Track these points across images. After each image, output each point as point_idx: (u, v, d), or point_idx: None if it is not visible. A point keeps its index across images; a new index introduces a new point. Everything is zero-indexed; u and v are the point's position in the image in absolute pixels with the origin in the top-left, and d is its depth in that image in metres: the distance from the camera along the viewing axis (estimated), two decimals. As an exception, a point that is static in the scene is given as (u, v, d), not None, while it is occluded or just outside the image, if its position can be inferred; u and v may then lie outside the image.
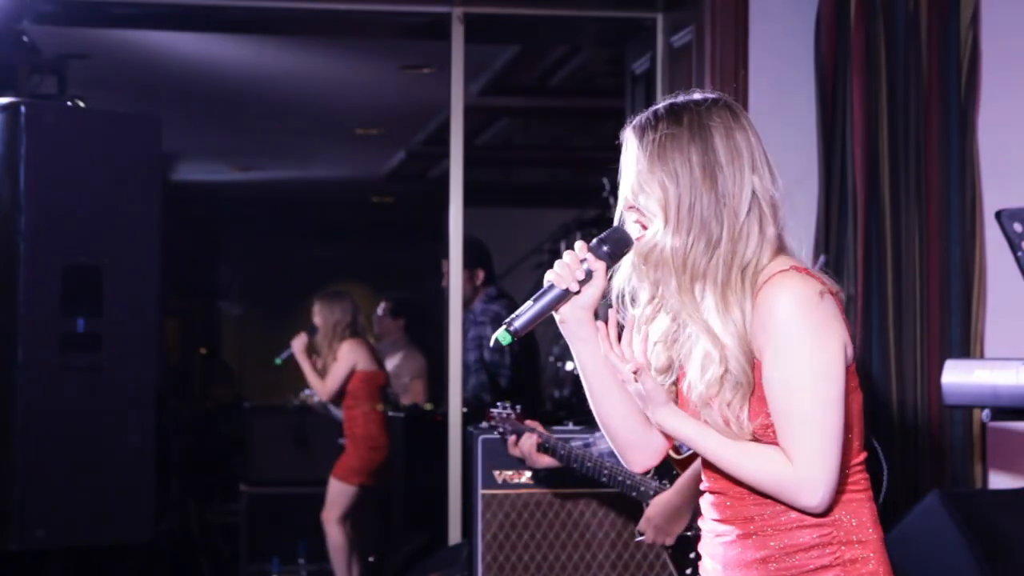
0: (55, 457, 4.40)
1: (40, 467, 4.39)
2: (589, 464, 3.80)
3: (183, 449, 8.34)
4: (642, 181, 2.20)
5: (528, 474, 4.34)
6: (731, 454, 2.17)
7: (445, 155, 5.95)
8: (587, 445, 3.83)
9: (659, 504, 3.60)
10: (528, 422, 3.96)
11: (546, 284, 2.23)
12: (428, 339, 8.53)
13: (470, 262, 6.20)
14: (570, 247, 2.25)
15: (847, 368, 2.17)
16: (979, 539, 3.64)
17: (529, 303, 2.23)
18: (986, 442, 4.75)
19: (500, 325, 2.19)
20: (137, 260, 4.60)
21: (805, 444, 2.12)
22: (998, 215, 3.36)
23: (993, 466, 4.77)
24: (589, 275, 2.22)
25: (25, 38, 5.32)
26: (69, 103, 4.92)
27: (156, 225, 4.65)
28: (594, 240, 2.24)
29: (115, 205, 4.55)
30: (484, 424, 4.16)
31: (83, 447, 4.44)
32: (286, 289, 11.99)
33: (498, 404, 4.05)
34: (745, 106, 4.30)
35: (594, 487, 4.15)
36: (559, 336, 2.27)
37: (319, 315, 7.15)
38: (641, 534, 3.66)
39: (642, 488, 3.69)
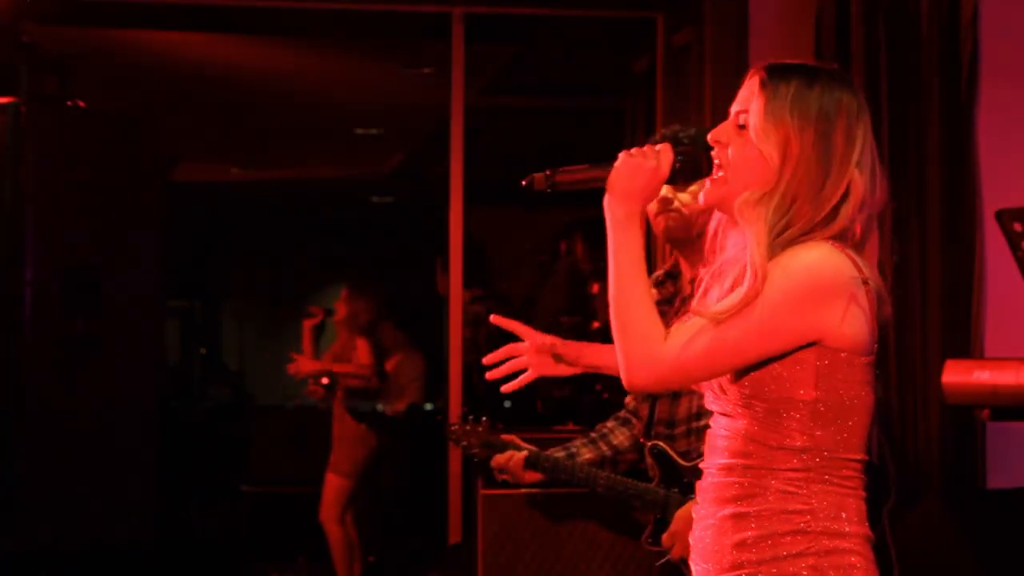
0: (55, 457, 4.40)
1: (40, 467, 4.40)
2: (580, 475, 3.50)
3: (183, 449, 8.35)
4: (763, 127, 2.17)
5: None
6: (638, 288, 2.14)
7: (445, 155, 5.94)
8: (571, 456, 3.53)
9: (686, 518, 3.19)
10: (504, 437, 3.57)
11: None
12: (426, 339, 8.53)
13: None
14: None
15: (853, 360, 2.13)
16: (979, 539, 3.64)
17: (585, 166, 2.21)
18: (986, 442, 4.74)
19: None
20: (137, 260, 4.61)
21: (688, 343, 2.10)
22: (998, 215, 3.35)
23: (993, 466, 4.77)
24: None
25: (25, 38, 5.32)
26: (69, 103, 4.92)
27: (156, 225, 4.66)
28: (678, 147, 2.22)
29: (115, 205, 4.56)
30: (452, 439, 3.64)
31: (83, 447, 4.44)
32: (286, 289, 11.98)
33: (460, 416, 3.63)
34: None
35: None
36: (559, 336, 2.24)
37: (342, 302, 7.18)
38: (661, 547, 3.33)
39: (648, 497, 3.39)
